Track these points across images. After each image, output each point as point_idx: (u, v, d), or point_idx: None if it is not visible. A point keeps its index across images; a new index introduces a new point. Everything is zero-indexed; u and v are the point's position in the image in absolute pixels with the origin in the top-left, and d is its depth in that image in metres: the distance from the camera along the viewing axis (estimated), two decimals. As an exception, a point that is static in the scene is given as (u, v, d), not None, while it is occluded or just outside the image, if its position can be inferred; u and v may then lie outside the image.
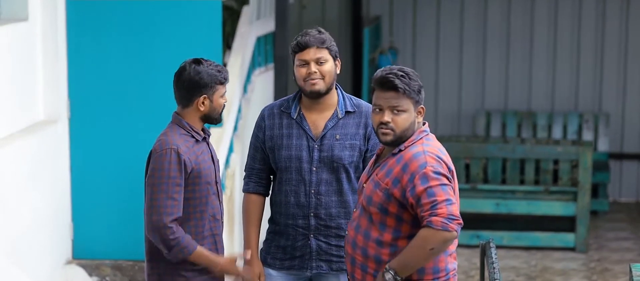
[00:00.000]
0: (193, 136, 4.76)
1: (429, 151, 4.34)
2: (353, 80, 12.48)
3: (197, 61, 4.75)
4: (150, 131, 6.84)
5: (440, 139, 10.24)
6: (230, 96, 7.83)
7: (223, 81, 4.76)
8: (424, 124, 4.49)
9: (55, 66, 7.19)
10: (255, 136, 5.04)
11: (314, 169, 4.91)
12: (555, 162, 10.01)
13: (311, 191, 4.91)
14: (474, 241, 9.60)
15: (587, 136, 11.77)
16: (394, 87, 4.37)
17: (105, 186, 7.43)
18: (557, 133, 11.84)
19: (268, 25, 9.49)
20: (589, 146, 9.85)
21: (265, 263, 5.06)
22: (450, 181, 4.32)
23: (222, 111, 4.82)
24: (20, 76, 6.86)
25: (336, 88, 4.98)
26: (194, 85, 4.71)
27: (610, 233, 10.50)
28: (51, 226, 7.14)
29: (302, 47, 4.87)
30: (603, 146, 11.77)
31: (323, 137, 4.91)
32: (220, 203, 4.90)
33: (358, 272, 4.46)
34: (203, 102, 4.73)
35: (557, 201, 9.76)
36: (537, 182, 9.99)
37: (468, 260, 9.27)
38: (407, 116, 4.39)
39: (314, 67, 4.85)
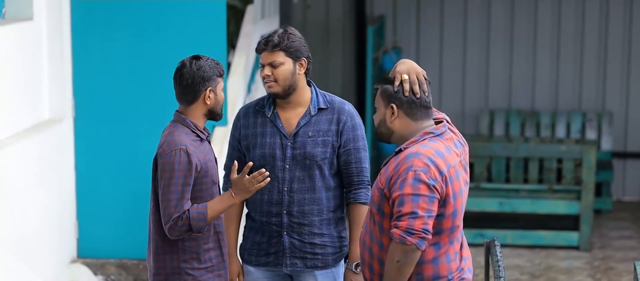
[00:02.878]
0: (198, 135, 4.77)
1: (423, 152, 4.22)
2: (357, 79, 12.49)
3: (196, 57, 4.78)
4: (155, 130, 6.85)
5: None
6: (234, 95, 7.85)
7: (221, 74, 4.80)
8: (439, 123, 4.38)
9: (60, 65, 7.20)
10: (232, 135, 5.08)
11: (287, 167, 4.92)
12: (559, 161, 10.02)
13: (284, 189, 4.93)
14: (478, 240, 9.61)
15: (591, 135, 11.78)
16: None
17: (110, 185, 7.44)
18: (560, 132, 11.84)
19: (272, 25, 9.50)
20: (592, 145, 9.86)
21: (243, 259, 5.11)
22: (431, 190, 4.17)
23: (222, 106, 4.84)
24: (25, 75, 6.87)
25: (309, 85, 5.00)
26: (198, 79, 4.72)
27: (614, 232, 10.50)
28: (56, 224, 7.15)
29: (257, 50, 4.95)
30: (606, 144, 11.77)
31: (296, 134, 4.93)
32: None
33: (366, 271, 4.44)
34: (209, 96, 4.75)
35: (560, 200, 9.76)
36: (540, 181, 9.99)
37: (472, 259, 9.27)
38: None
39: (267, 71, 4.89)
